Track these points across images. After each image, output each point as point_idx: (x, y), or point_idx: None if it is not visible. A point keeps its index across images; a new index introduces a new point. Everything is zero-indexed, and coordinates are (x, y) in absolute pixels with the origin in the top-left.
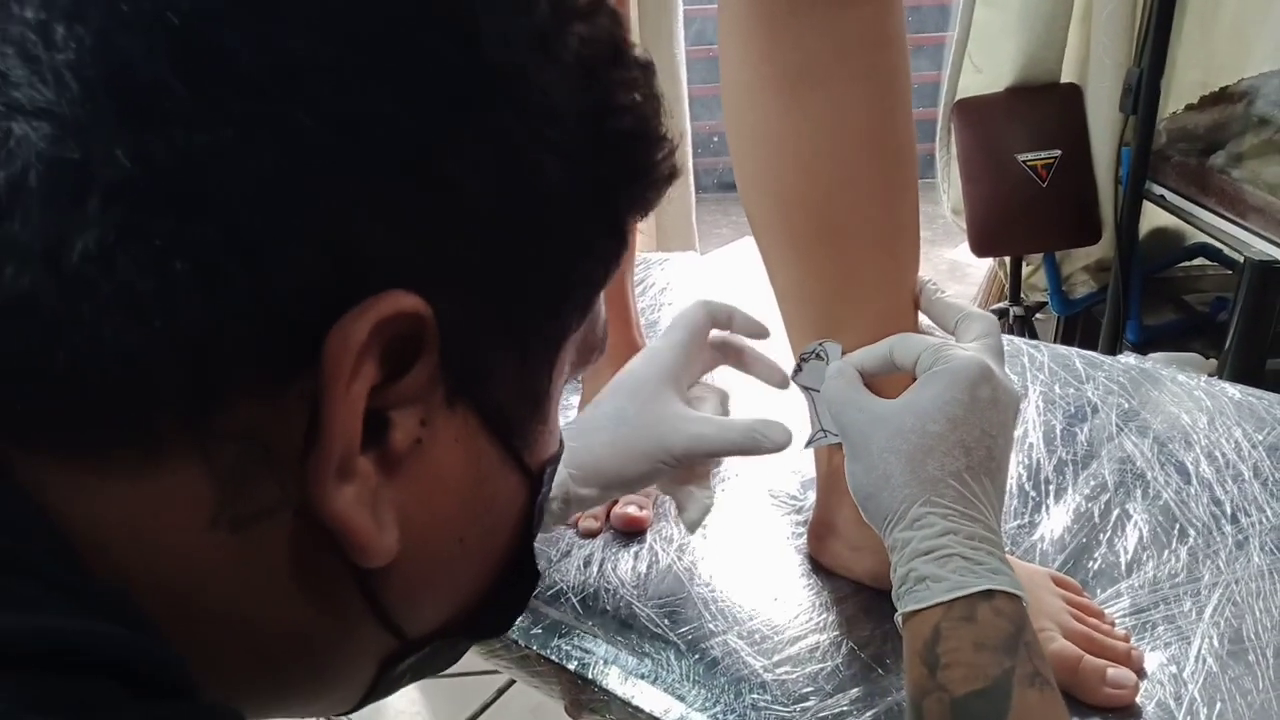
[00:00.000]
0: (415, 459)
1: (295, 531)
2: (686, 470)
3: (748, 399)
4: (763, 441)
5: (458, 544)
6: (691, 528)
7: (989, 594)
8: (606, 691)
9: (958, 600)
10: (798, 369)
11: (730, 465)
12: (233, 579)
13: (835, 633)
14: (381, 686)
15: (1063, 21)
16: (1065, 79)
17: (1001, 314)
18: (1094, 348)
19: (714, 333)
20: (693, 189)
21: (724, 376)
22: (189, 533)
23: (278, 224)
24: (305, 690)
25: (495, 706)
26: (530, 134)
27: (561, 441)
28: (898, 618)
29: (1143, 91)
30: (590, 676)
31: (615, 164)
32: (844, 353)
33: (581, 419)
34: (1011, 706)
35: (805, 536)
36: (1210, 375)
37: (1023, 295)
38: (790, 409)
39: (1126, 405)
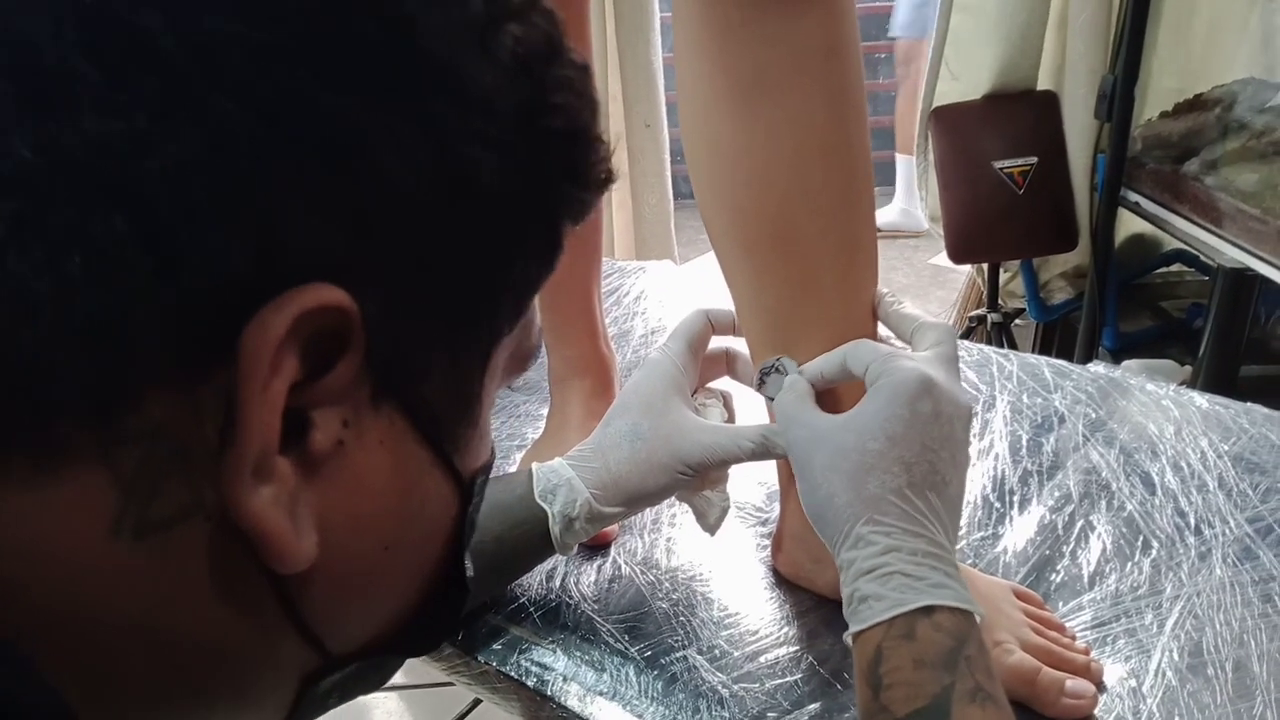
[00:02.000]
0: (337, 461)
1: (209, 537)
2: (701, 478)
3: (748, 403)
4: (774, 448)
5: (383, 552)
6: (711, 531)
7: (929, 610)
8: (565, 709)
9: (898, 618)
10: (760, 381)
11: None
12: (140, 589)
13: (795, 648)
14: (304, 706)
15: (1038, 29)
16: (1041, 86)
17: (979, 320)
18: (1072, 354)
19: (714, 341)
20: (671, 197)
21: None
22: (89, 542)
23: (193, 213)
24: (225, 708)
25: (473, 715)
26: (464, 127)
27: (493, 450)
28: (847, 637)
29: (1117, 99)
30: (549, 693)
31: (550, 162)
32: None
33: (596, 438)
34: None
35: (769, 549)
36: (1184, 382)
37: (1001, 302)
38: None
39: (1094, 415)
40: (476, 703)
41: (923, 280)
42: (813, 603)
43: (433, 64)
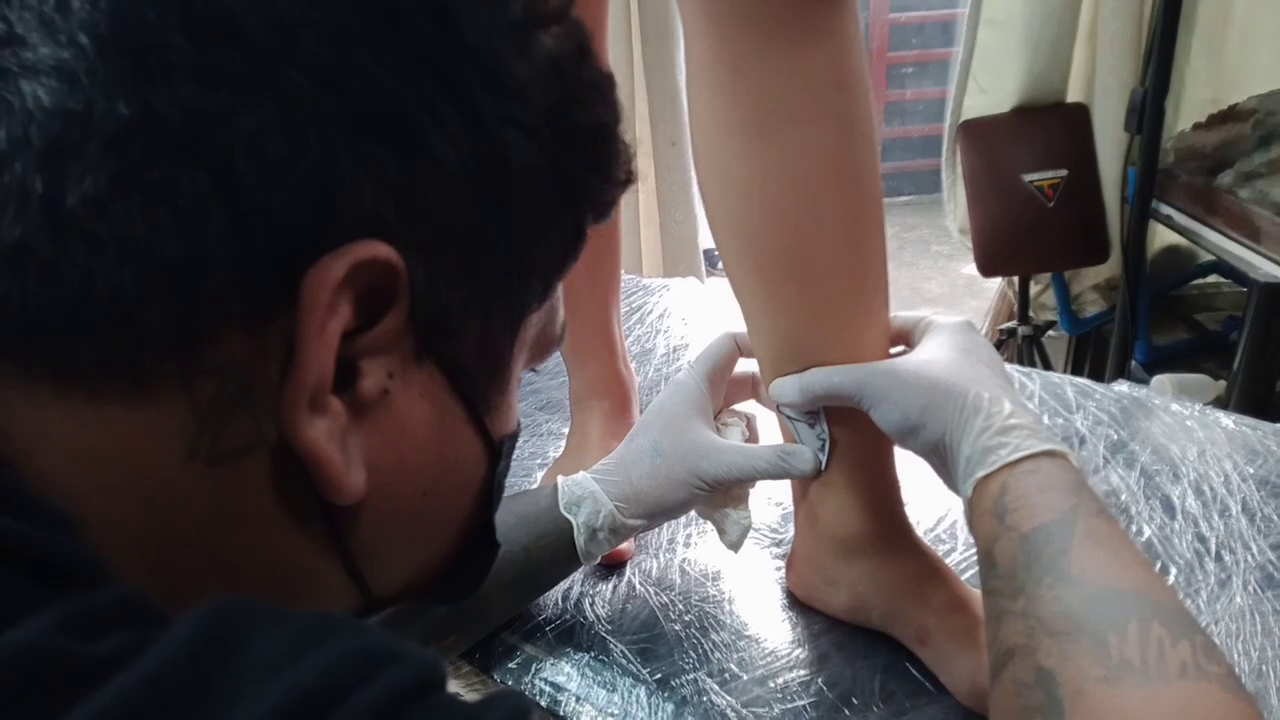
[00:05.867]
0: (383, 409)
1: (270, 469)
2: (723, 494)
3: (772, 426)
4: (788, 468)
5: (422, 497)
6: (733, 548)
7: (1052, 453)
8: None
9: (1023, 459)
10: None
11: None
12: (209, 511)
13: (805, 671)
14: None
15: (1068, 41)
16: (1071, 99)
17: (1009, 334)
18: (1105, 367)
19: (741, 364)
20: (697, 213)
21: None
22: (169, 462)
23: (267, 173)
24: None
25: None
26: (500, 113)
27: (519, 423)
28: (967, 488)
29: (1147, 111)
30: (562, 713)
31: (577, 156)
32: None
33: (619, 454)
34: (1077, 530)
35: (784, 570)
36: (1219, 397)
37: (1032, 315)
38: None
39: (1115, 436)
40: None
41: (956, 290)
42: (824, 625)
43: (474, 55)
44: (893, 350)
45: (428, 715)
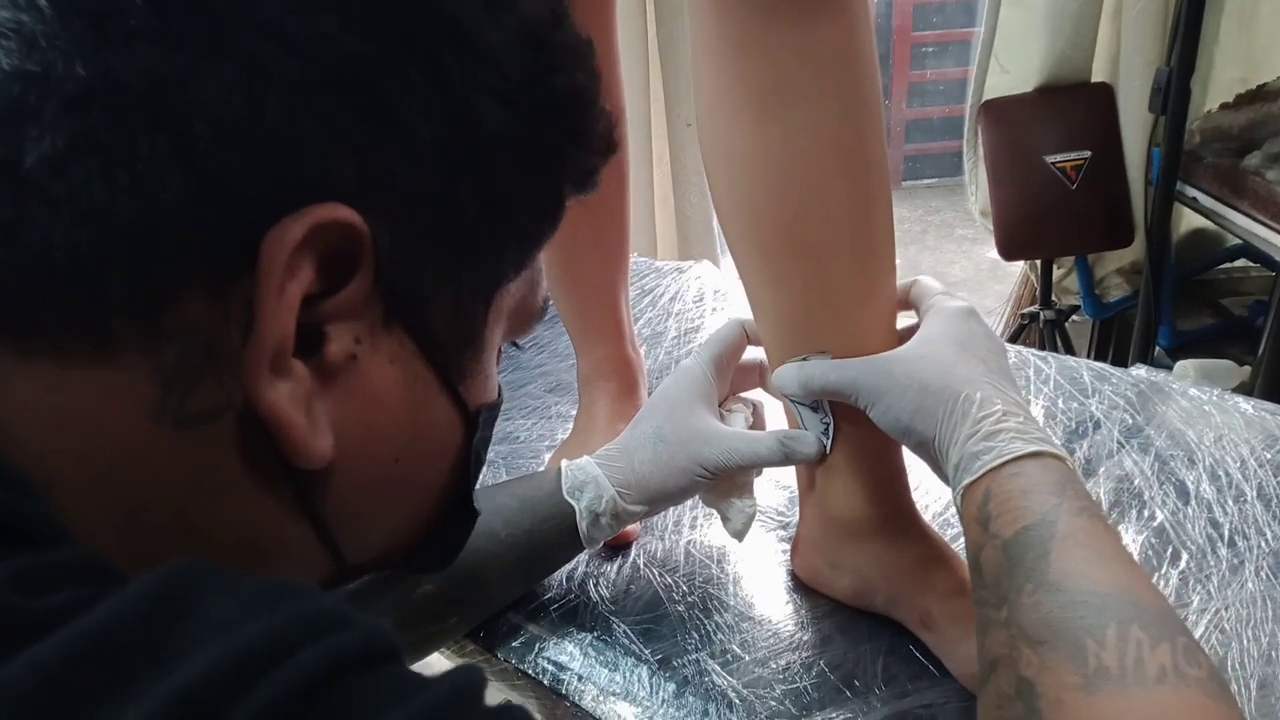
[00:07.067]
0: (351, 374)
1: (237, 433)
2: (728, 482)
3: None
4: (791, 454)
5: (394, 464)
6: (737, 536)
7: (1037, 454)
8: (579, 708)
9: (1007, 463)
10: None
11: None
12: (176, 476)
13: (808, 653)
14: None
15: (1092, 20)
16: (1096, 78)
17: (1031, 318)
18: (1128, 352)
19: (749, 351)
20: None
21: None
22: (135, 424)
23: (227, 137)
24: None
25: None
26: (471, 79)
27: (500, 392)
28: (956, 495)
29: (1172, 91)
30: (564, 692)
31: (554, 123)
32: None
33: (623, 439)
34: (1057, 533)
35: (788, 553)
36: (1243, 383)
37: (1055, 299)
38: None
39: (1131, 421)
40: None
41: (980, 274)
42: (828, 608)
43: (445, 20)
44: (901, 314)
45: (373, 684)
